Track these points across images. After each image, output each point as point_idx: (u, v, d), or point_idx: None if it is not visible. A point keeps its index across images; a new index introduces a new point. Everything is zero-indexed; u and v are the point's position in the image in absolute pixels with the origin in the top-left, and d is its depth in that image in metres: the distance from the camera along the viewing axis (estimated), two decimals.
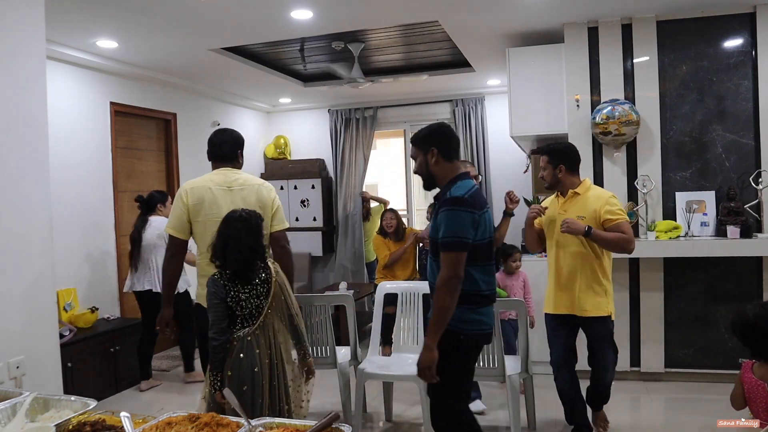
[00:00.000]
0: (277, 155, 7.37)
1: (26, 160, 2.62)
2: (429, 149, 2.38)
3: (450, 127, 2.51)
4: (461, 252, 2.23)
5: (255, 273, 2.40)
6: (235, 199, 2.88)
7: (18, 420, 1.57)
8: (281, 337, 2.47)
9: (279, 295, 2.46)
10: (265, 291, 2.41)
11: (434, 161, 2.38)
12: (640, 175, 4.13)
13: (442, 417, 2.38)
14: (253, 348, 2.36)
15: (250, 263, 2.38)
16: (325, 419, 1.53)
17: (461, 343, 2.31)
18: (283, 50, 5.20)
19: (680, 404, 3.86)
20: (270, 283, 2.43)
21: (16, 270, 2.55)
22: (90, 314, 4.37)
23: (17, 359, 2.51)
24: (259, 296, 2.40)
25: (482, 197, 2.40)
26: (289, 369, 2.48)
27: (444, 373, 2.21)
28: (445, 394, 2.35)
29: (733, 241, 3.83)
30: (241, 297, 2.37)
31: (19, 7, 2.61)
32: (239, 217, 2.42)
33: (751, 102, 3.99)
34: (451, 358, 2.25)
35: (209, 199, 2.88)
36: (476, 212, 2.26)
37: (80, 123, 4.64)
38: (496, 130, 6.56)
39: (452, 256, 2.22)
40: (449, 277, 2.22)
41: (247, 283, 2.38)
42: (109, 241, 4.89)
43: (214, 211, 2.85)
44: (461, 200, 2.25)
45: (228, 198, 2.89)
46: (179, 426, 1.55)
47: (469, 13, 4.00)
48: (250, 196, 2.91)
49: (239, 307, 2.37)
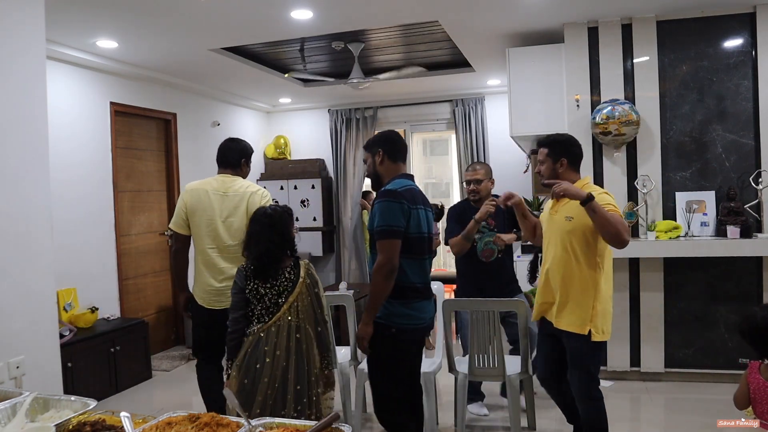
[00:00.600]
0: (277, 155, 7.37)
1: (26, 160, 2.62)
2: (377, 151, 2.61)
3: (397, 134, 2.72)
4: (394, 239, 2.40)
5: (278, 270, 2.40)
6: (228, 206, 3.07)
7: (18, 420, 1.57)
8: (304, 340, 2.40)
9: (304, 297, 2.42)
10: (288, 290, 2.39)
11: (380, 161, 2.60)
12: (640, 175, 4.13)
13: (383, 404, 2.55)
14: (262, 345, 2.35)
15: (271, 259, 2.40)
16: (325, 419, 1.53)
17: (394, 337, 2.47)
18: (283, 50, 5.20)
19: (680, 404, 3.86)
20: (295, 283, 2.41)
21: (16, 270, 2.55)
22: (90, 314, 4.38)
23: (17, 359, 2.51)
24: (280, 294, 2.39)
25: (419, 196, 2.57)
26: (314, 374, 2.41)
27: (380, 362, 2.34)
28: (383, 383, 2.54)
29: (733, 241, 3.83)
30: (260, 291, 2.38)
31: (19, 7, 2.61)
32: (264, 213, 2.48)
33: (751, 102, 3.99)
34: (386, 349, 2.41)
35: (205, 203, 3.07)
36: (407, 203, 2.43)
37: (80, 123, 4.64)
38: (496, 130, 6.56)
39: (386, 243, 2.40)
40: (383, 264, 2.39)
41: (269, 279, 2.39)
42: (109, 241, 4.89)
43: (208, 214, 3.06)
44: (392, 192, 2.44)
45: (222, 204, 3.08)
46: (179, 426, 1.54)
47: (469, 13, 4.00)
48: (241, 204, 3.07)
49: (258, 301, 2.39)
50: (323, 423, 1.52)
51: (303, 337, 2.39)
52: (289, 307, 2.37)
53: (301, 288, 2.40)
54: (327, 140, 7.28)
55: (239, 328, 2.41)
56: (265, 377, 2.33)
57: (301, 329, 2.39)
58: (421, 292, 2.53)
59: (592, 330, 2.56)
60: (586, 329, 2.57)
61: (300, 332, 2.39)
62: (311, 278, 2.46)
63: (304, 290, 2.41)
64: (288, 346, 2.36)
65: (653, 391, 4.03)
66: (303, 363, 2.38)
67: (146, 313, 5.28)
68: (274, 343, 2.35)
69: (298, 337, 2.38)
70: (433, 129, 7.17)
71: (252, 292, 2.39)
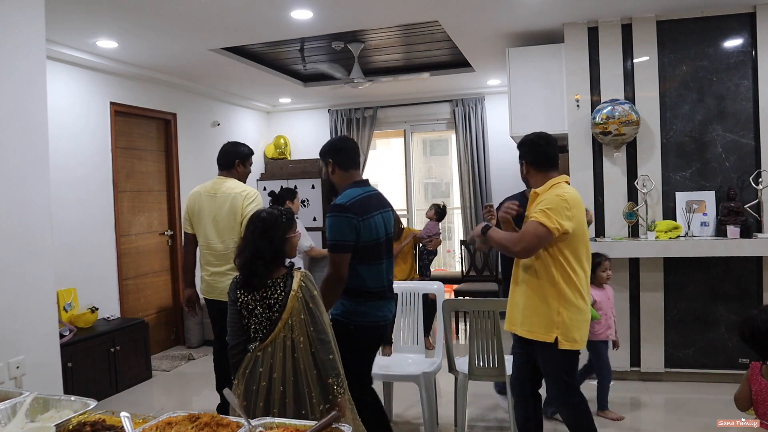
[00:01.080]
0: (277, 155, 7.37)
1: (26, 160, 2.62)
2: (327, 161, 2.71)
3: (347, 141, 2.79)
4: (342, 253, 2.51)
5: (265, 281, 2.14)
6: (216, 206, 3.29)
7: (18, 420, 1.57)
8: (301, 361, 2.12)
9: (298, 313, 2.13)
10: (279, 304, 2.12)
11: (332, 171, 2.70)
12: (640, 175, 4.13)
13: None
14: (257, 366, 2.12)
15: (257, 268, 2.13)
16: (325, 419, 1.54)
17: (352, 333, 2.55)
18: (283, 50, 5.20)
19: (680, 404, 3.86)
20: (288, 296, 2.13)
21: (17, 270, 2.55)
22: (90, 314, 4.37)
23: (17, 359, 2.51)
24: (271, 308, 2.13)
25: (374, 201, 2.63)
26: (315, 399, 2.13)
27: (343, 358, 2.39)
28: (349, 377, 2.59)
29: (733, 241, 3.83)
30: (250, 306, 2.15)
31: (19, 7, 2.61)
32: (257, 218, 2.21)
33: (751, 102, 3.99)
34: (346, 345, 2.43)
35: (199, 204, 3.34)
36: (355, 217, 2.50)
37: (80, 123, 4.64)
38: (496, 130, 6.56)
39: (335, 257, 2.52)
40: (330, 276, 2.53)
41: (257, 290, 2.14)
42: (109, 241, 4.89)
43: (202, 215, 3.33)
44: (340, 207, 2.52)
45: (211, 204, 3.31)
46: (179, 426, 1.55)
47: (469, 13, 4.00)
48: (225, 204, 3.27)
49: (249, 314, 2.16)
50: (323, 423, 1.52)
51: (300, 358, 2.12)
52: (284, 324, 2.11)
53: (293, 302, 2.12)
54: (327, 140, 7.26)
55: (237, 343, 2.19)
56: (261, 401, 2.11)
57: (297, 349, 2.12)
58: (377, 294, 2.64)
59: (559, 338, 2.46)
60: (552, 337, 2.47)
61: (297, 352, 2.12)
62: (305, 291, 2.15)
63: (297, 305, 2.12)
64: (284, 367, 2.11)
65: (653, 391, 4.03)
66: (302, 387, 2.12)
67: (146, 313, 5.28)
68: (270, 364, 2.11)
69: (295, 356, 2.12)
70: (433, 129, 7.17)
71: (243, 306, 2.16)
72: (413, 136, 7.27)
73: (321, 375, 2.14)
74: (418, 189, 7.08)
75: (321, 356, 2.13)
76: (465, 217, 6.68)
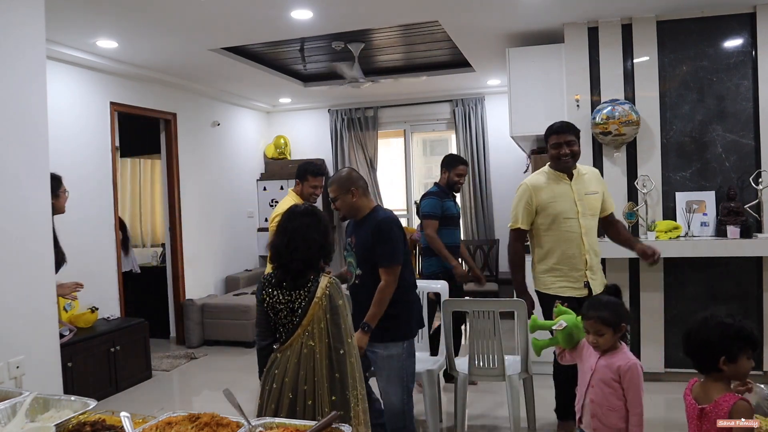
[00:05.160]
0: (277, 155, 7.37)
1: (26, 160, 2.61)
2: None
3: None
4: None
5: (295, 281, 2.09)
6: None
7: (18, 420, 1.57)
8: (317, 370, 2.05)
9: (319, 321, 2.06)
10: (302, 308, 2.07)
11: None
12: (640, 175, 4.13)
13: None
14: (274, 367, 2.11)
15: (287, 265, 2.10)
16: (325, 419, 1.53)
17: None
18: (283, 50, 5.20)
19: (680, 404, 3.83)
20: (311, 301, 2.07)
21: (16, 270, 2.55)
22: (90, 314, 4.37)
23: (17, 359, 2.50)
24: (294, 313, 2.09)
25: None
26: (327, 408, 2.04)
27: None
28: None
29: (733, 241, 3.83)
30: (277, 306, 2.12)
31: (19, 7, 2.61)
32: (305, 211, 2.20)
33: (751, 102, 3.99)
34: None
35: None
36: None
37: (80, 123, 4.64)
38: (496, 130, 6.56)
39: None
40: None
41: (284, 290, 2.10)
42: (109, 240, 4.89)
43: None
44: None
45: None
46: (179, 426, 1.54)
47: (469, 13, 4.00)
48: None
49: (275, 315, 2.12)
50: (323, 423, 1.52)
51: (315, 368, 2.05)
52: (303, 331, 2.06)
53: (314, 309, 2.06)
54: (327, 140, 7.28)
55: (265, 345, 2.18)
56: (273, 403, 2.07)
57: (313, 359, 2.05)
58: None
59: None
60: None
61: (312, 362, 2.05)
62: (329, 300, 2.07)
63: (319, 312, 2.06)
64: (297, 374, 2.05)
65: (653, 391, 4.02)
66: (314, 395, 2.05)
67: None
68: (285, 368, 2.07)
69: (310, 366, 2.05)
70: (433, 129, 7.17)
71: (270, 305, 2.13)
72: (413, 136, 7.26)
73: (333, 390, 2.05)
74: (418, 189, 7.07)
75: (338, 366, 2.07)
76: (465, 217, 6.68)
